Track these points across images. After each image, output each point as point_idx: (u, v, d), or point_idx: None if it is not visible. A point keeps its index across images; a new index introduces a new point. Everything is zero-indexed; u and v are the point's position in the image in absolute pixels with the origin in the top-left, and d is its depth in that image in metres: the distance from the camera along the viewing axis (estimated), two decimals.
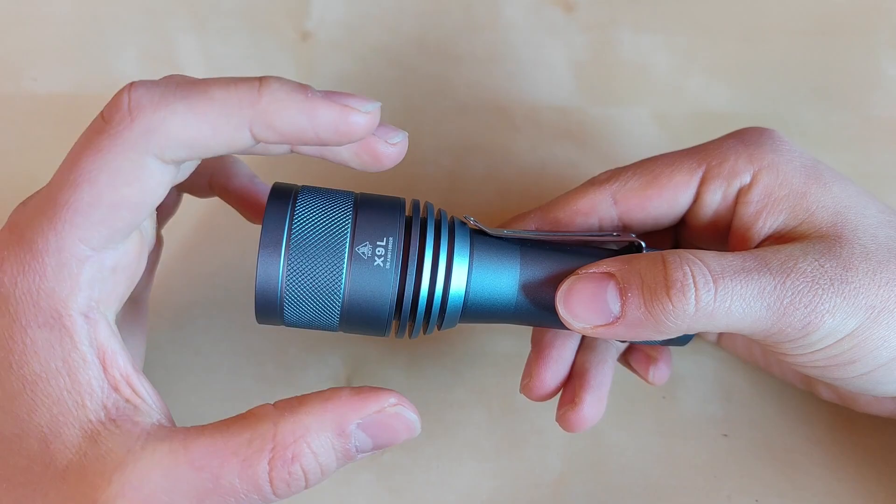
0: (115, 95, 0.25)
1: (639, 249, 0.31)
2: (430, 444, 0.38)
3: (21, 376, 0.25)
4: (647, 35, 0.47)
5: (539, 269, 0.30)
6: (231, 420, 0.26)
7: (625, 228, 0.33)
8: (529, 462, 0.38)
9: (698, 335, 0.41)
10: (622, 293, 0.28)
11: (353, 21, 0.47)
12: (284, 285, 0.28)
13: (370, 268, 0.28)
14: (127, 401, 0.26)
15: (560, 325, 0.30)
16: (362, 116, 0.26)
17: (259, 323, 0.30)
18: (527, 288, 0.30)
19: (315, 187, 0.30)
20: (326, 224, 0.28)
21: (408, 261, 0.29)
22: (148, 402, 0.27)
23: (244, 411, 0.26)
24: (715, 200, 0.32)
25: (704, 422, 0.39)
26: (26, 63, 0.45)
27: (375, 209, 0.29)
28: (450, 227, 0.30)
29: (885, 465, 0.38)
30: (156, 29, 0.46)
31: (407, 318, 0.29)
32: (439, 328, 0.31)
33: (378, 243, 0.28)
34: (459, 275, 0.29)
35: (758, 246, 0.31)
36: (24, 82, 0.45)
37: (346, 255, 0.28)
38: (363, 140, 0.28)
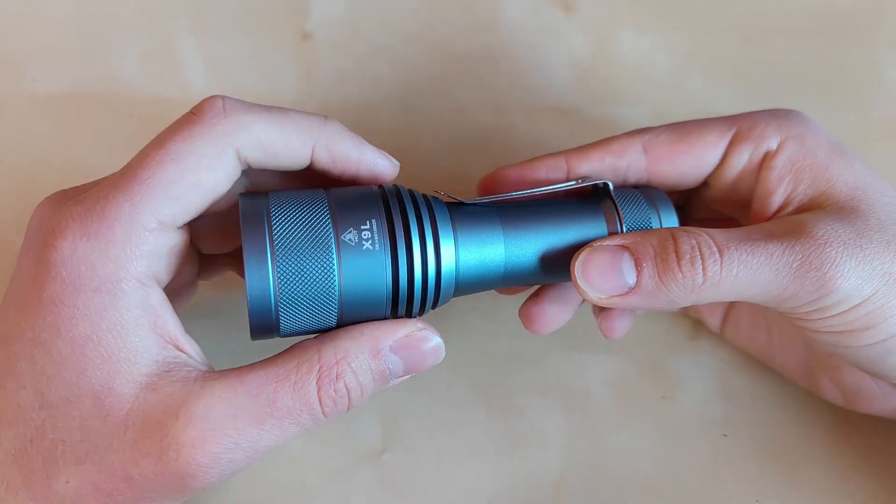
0: (207, 100, 0.29)
1: (605, 190, 0.32)
2: (430, 444, 0.38)
3: (70, 339, 0.27)
4: (647, 35, 0.47)
5: (521, 231, 0.31)
6: (276, 355, 0.29)
7: (649, 181, 0.34)
8: (529, 462, 0.38)
9: (703, 327, 0.41)
10: (637, 264, 0.30)
11: (352, 21, 0.47)
12: (278, 297, 0.28)
13: (360, 252, 0.28)
14: (175, 358, 0.28)
15: (548, 281, 0.32)
16: (393, 167, 0.31)
17: (254, 339, 0.30)
18: (512, 250, 0.31)
19: (281, 191, 0.30)
20: (305, 222, 0.28)
21: (395, 238, 0.28)
22: (196, 358, 0.29)
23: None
24: (741, 162, 0.33)
25: (704, 422, 0.39)
26: (26, 63, 0.45)
27: (349, 197, 0.29)
28: (426, 202, 0.30)
29: (885, 465, 0.37)
30: (156, 29, 0.46)
31: (404, 300, 0.29)
32: (434, 307, 0.31)
33: (362, 227, 0.28)
34: (447, 248, 0.29)
35: (776, 213, 0.32)
36: (24, 82, 0.45)
37: (334, 246, 0.28)
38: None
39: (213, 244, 0.34)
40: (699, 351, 0.41)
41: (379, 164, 0.31)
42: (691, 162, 0.34)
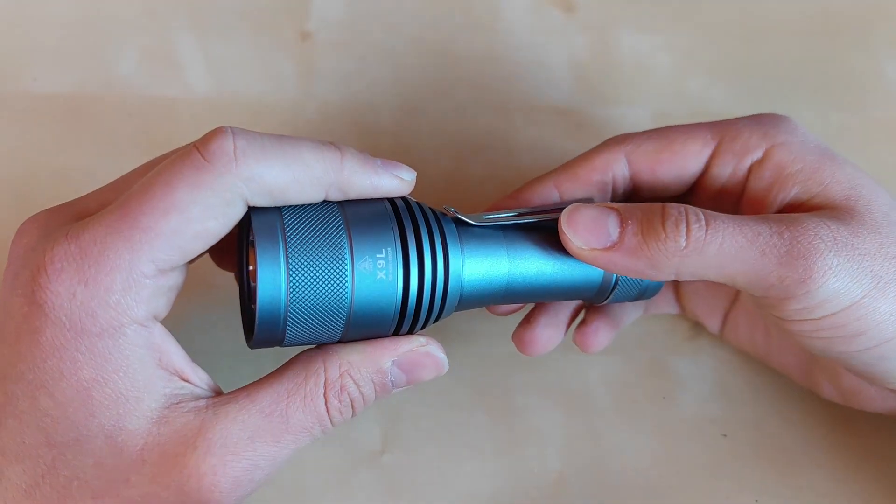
0: (217, 137, 0.27)
1: None
2: (430, 444, 0.38)
3: (75, 383, 0.26)
4: (647, 35, 0.47)
5: (524, 252, 0.31)
6: (281, 369, 0.29)
7: (635, 189, 0.35)
8: (529, 462, 0.38)
9: (703, 328, 0.41)
10: (622, 221, 0.30)
11: (352, 21, 0.47)
12: (288, 311, 0.28)
13: (373, 282, 0.28)
14: (183, 389, 0.28)
15: (547, 300, 0.32)
16: (408, 185, 0.30)
17: (252, 348, 0.30)
18: (515, 271, 0.31)
19: (294, 207, 0.29)
20: (322, 243, 0.28)
21: (409, 271, 0.29)
22: (203, 385, 0.29)
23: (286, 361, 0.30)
24: (724, 173, 0.33)
25: (704, 422, 0.39)
26: (26, 63, 0.45)
27: (364, 217, 0.29)
28: (438, 225, 0.30)
29: (884, 465, 0.37)
30: (156, 29, 0.46)
31: (408, 324, 0.30)
32: (435, 322, 0.31)
33: (378, 256, 0.28)
34: (455, 275, 0.30)
35: None
36: (25, 83, 0.45)
37: (350, 272, 0.28)
38: None
39: None
40: (699, 351, 0.41)
41: (394, 190, 0.30)
42: (674, 171, 0.34)
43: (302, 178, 0.28)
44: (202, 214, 0.27)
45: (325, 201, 0.30)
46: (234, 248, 0.31)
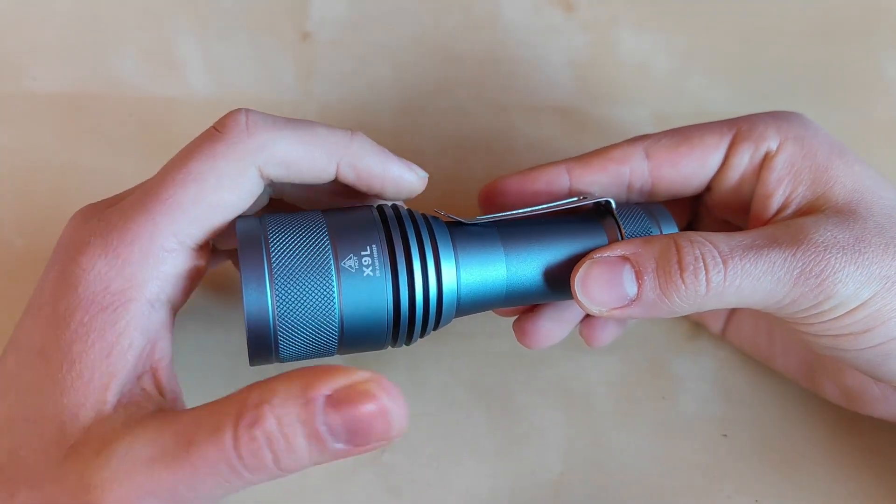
0: (231, 115, 0.29)
1: (608, 207, 0.32)
2: (430, 444, 0.38)
3: (66, 354, 0.26)
4: (647, 35, 0.47)
5: (522, 250, 0.31)
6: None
7: (653, 186, 0.34)
8: (529, 462, 0.38)
9: (703, 328, 0.41)
10: (638, 276, 0.29)
11: (352, 21, 0.47)
12: (277, 320, 0.27)
13: (361, 279, 0.28)
14: (143, 389, 0.27)
15: (551, 299, 0.32)
16: (420, 180, 0.31)
17: (252, 365, 0.29)
18: (514, 270, 0.31)
19: (278, 214, 0.29)
20: (305, 247, 0.28)
21: (396, 264, 0.28)
22: (169, 394, 0.28)
23: None
24: (742, 163, 0.33)
25: (704, 422, 0.39)
26: (26, 63, 0.45)
27: (348, 222, 0.29)
28: (426, 224, 0.30)
29: (885, 465, 0.37)
30: (156, 29, 0.46)
31: (405, 325, 0.29)
32: (435, 328, 0.31)
33: (362, 253, 0.28)
34: (448, 269, 0.29)
35: (775, 215, 0.32)
36: (24, 82, 0.45)
37: (334, 273, 0.28)
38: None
39: (223, 241, 0.34)
40: (699, 351, 0.41)
41: (405, 179, 0.31)
42: (694, 165, 0.33)
43: (313, 149, 0.29)
44: (217, 183, 0.28)
45: (308, 211, 0.30)
46: None
